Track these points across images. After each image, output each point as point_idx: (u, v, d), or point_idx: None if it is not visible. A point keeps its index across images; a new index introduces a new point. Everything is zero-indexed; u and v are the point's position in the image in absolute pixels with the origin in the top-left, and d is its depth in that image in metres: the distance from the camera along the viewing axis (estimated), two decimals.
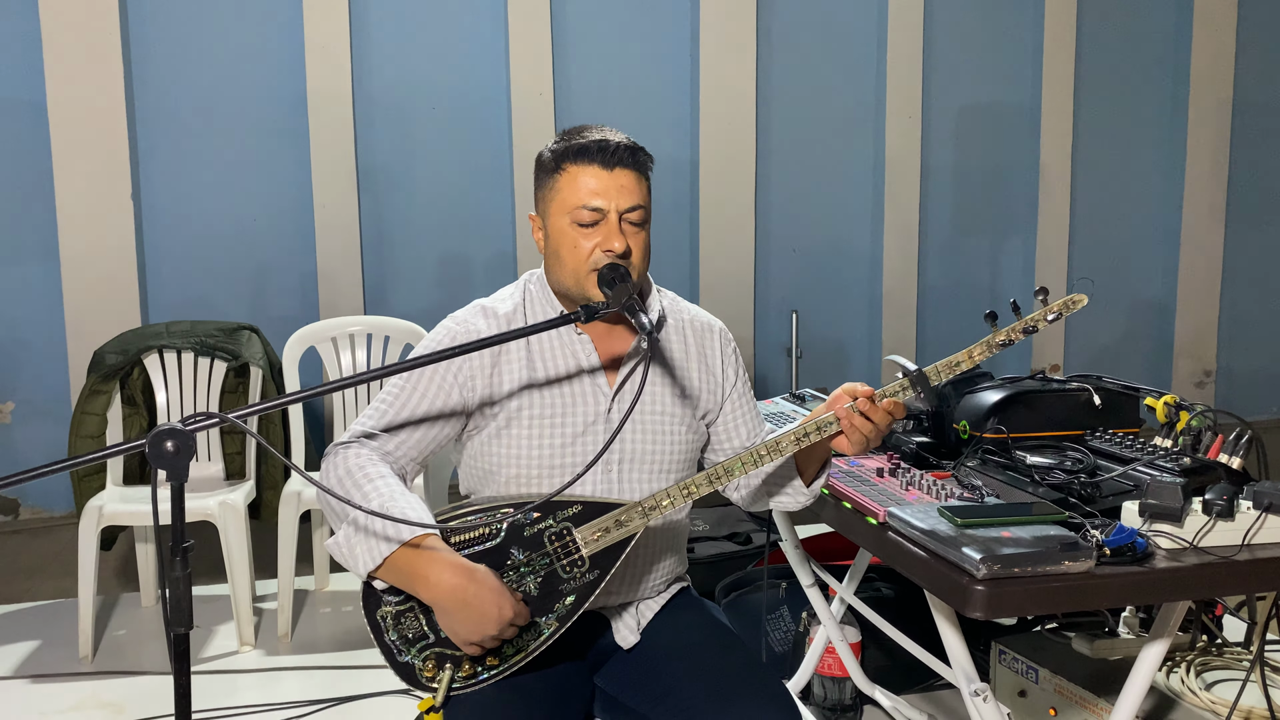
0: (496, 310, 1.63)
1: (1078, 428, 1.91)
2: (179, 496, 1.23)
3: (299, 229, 4.46)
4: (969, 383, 2.00)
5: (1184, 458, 1.66)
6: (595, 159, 1.53)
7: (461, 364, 1.56)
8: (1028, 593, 1.37)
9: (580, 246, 1.54)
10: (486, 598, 1.38)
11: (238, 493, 2.99)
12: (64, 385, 4.13)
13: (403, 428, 1.54)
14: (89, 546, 2.85)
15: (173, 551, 1.23)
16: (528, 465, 1.58)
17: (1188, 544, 1.47)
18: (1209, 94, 5.58)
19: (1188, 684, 2.00)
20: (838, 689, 2.41)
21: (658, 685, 1.57)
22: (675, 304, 1.73)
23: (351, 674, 2.80)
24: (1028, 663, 2.17)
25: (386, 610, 1.47)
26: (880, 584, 2.59)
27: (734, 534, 3.27)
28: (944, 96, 5.30)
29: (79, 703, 2.66)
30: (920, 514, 1.53)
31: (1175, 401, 1.81)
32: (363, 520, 1.41)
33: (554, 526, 1.46)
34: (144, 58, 4.25)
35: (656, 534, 1.64)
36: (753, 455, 1.48)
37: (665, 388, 1.65)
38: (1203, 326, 5.75)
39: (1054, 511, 1.52)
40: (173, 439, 1.20)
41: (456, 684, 1.45)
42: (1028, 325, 1.48)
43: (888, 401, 1.48)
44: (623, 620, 1.66)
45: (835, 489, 1.75)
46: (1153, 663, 1.57)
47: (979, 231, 5.45)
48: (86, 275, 4.19)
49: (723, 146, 4.91)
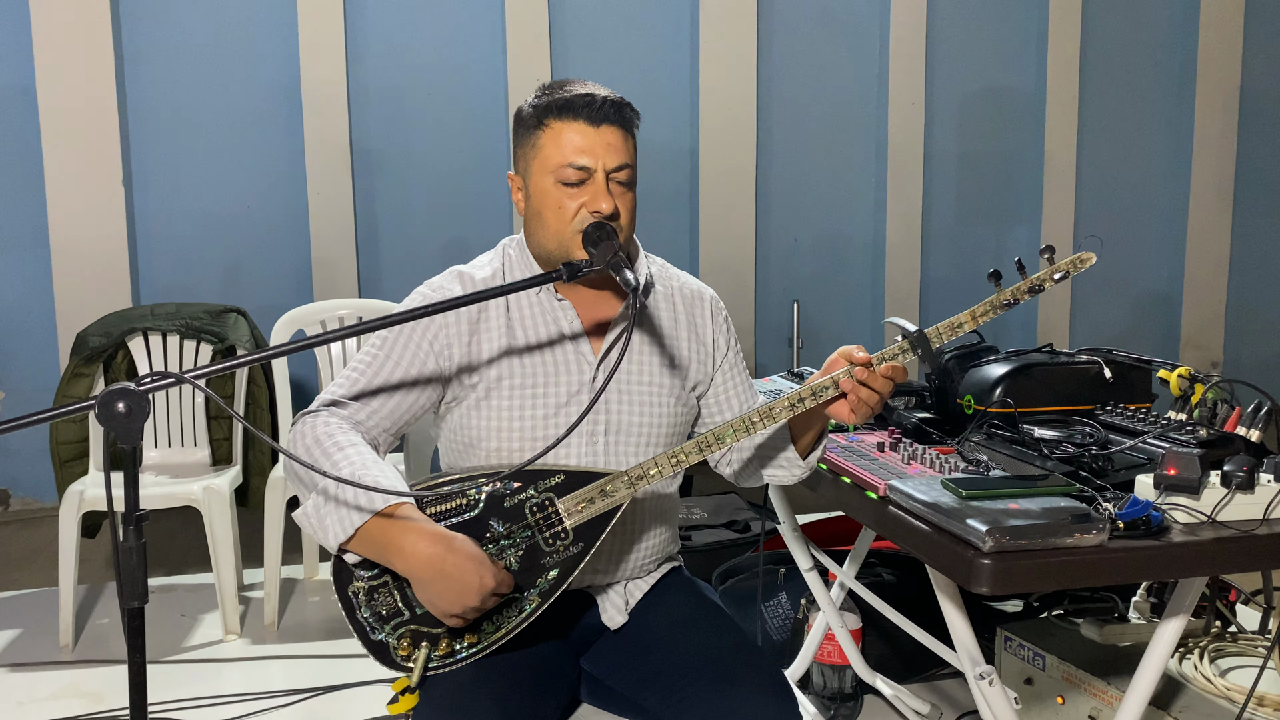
0: (474, 276, 1.56)
1: (1087, 402, 1.83)
2: (131, 461, 1.16)
3: (293, 216, 4.39)
4: (973, 357, 1.92)
5: (1200, 429, 1.58)
6: (581, 115, 1.45)
7: (438, 331, 1.48)
8: (1036, 567, 1.29)
9: (565, 207, 1.46)
10: (466, 567, 1.30)
11: (223, 478, 2.92)
12: (54, 374, 4.06)
13: (375, 395, 1.46)
14: (69, 532, 2.78)
15: (125, 520, 1.15)
16: (509, 437, 1.50)
17: (1206, 517, 1.39)
18: (1216, 81, 5.50)
19: (1201, 670, 1.92)
20: (837, 677, 2.33)
21: (646, 668, 1.50)
22: (665, 270, 1.66)
23: (338, 663, 2.73)
24: (1034, 649, 2.09)
25: (358, 585, 1.39)
26: (881, 570, 2.51)
27: (731, 522, 3.19)
28: (947, 83, 5.22)
29: (58, 691, 2.59)
30: (923, 487, 1.45)
31: (1190, 374, 1.73)
32: (333, 489, 1.33)
33: (535, 497, 1.38)
34: (135, 42, 4.19)
35: (645, 508, 1.57)
36: (744, 422, 1.40)
37: (654, 357, 1.57)
38: (1209, 316, 5.67)
39: (1064, 483, 1.44)
40: (124, 400, 1.13)
41: (433, 663, 1.38)
42: (1034, 284, 1.40)
43: (886, 366, 1.40)
44: (610, 600, 1.58)
45: (834, 464, 1.67)
46: (1169, 641, 1.49)
47: (983, 220, 5.37)
48: (77, 263, 4.13)
49: (723, 135, 4.84)
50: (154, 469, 3.08)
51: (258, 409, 3.15)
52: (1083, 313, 5.49)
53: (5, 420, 1.17)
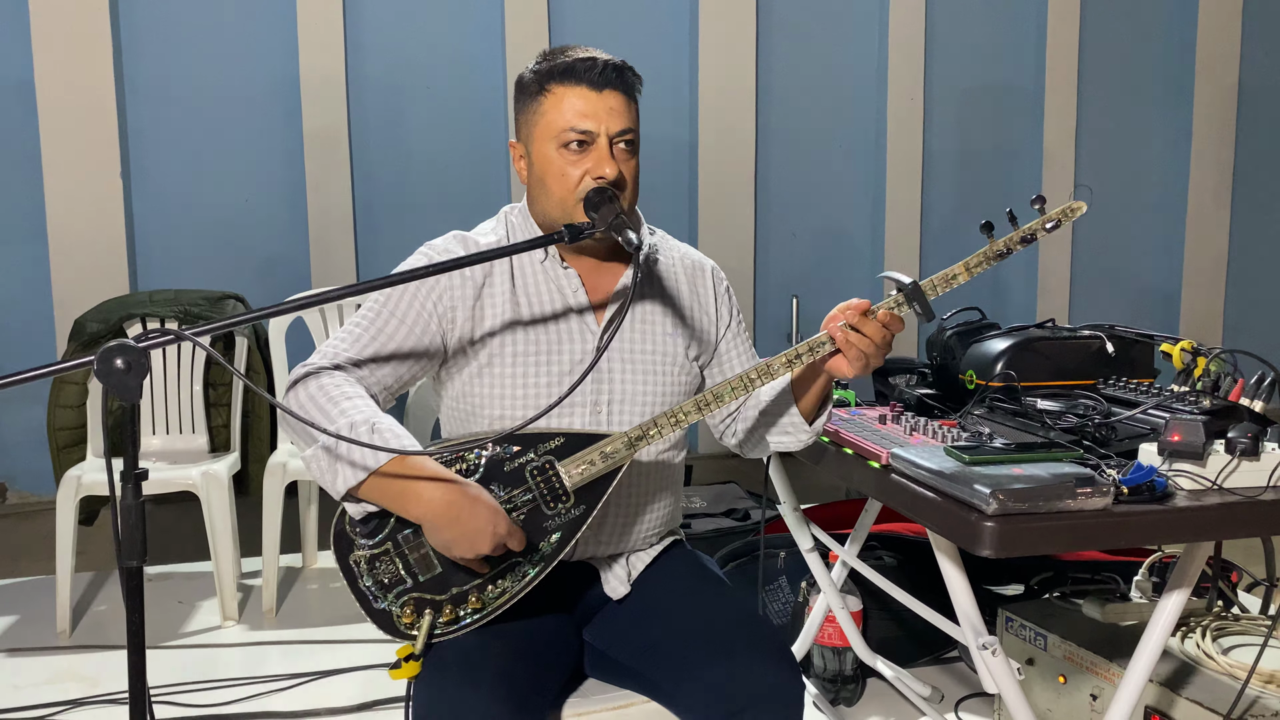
0: (477, 241, 1.55)
1: (1089, 377, 1.83)
2: (131, 418, 1.15)
3: (291, 209, 4.38)
4: (975, 332, 1.92)
5: (1204, 400, 1.57)
6: (583, 79, 1.45)
7: (443, 292, 1.48)
8: (1040, 530, 1.28)
9: (568, 174, 1.46)
10: (481, 513, 1.29)
11: (221, 463, 2.91)
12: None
13: (376, 353, 1.44)
14: (67, 517, 2.76)
15: (123, 478, 1.15)
16: (511, 405, 1.49)
17: (1211, 483, 1.38)
18: (1214, 78, 5.50)
19: (1204, 648, 1.91)
20: (838, 659, 2.32)
21: (648, 638, 1.49)
22: (666, 241, 1.65)
23: (337, 648, 2.72)
24: (1036, 629, 2.09)
25: (359, 555, 1.38)
26: (883, 552, 2.50)
27: (731, 510, 3.19)
28: (946, 78, 5.22)
29: (54, 676, 2.57)
30: (926, 454, 1.45)
31: (1193, 347, 1.73)
32: (347, 434, 1.31)
33: (535, 460, 1.37)
34: (134, 34, 4.18)
35: (647, 476, 1.56)
36: (742, 380, 1.40)
37: (656, 326, 1.56)
38: (1208, 313, 5.67)
39: (1068, 449, 1.44)
40: (123, 356, 1.11)
41: (437, 630, 1.37)
42: (1025, 234, 1.40)
43: (883, 313, 1.39)
44: (613, 571, 1.57)
45: (836, 435, 1.67)
46: (1172, 614, 1.49)
47: (981, 215, 5.33)
48: (75, 256, 4.12)
49: (722, 128, 4.84)
50: (153, 455, 3.06)
51: (257, 395, 3.14)
52: (1081, 308, 5.49)
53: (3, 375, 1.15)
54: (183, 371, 3.11)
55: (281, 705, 2.42)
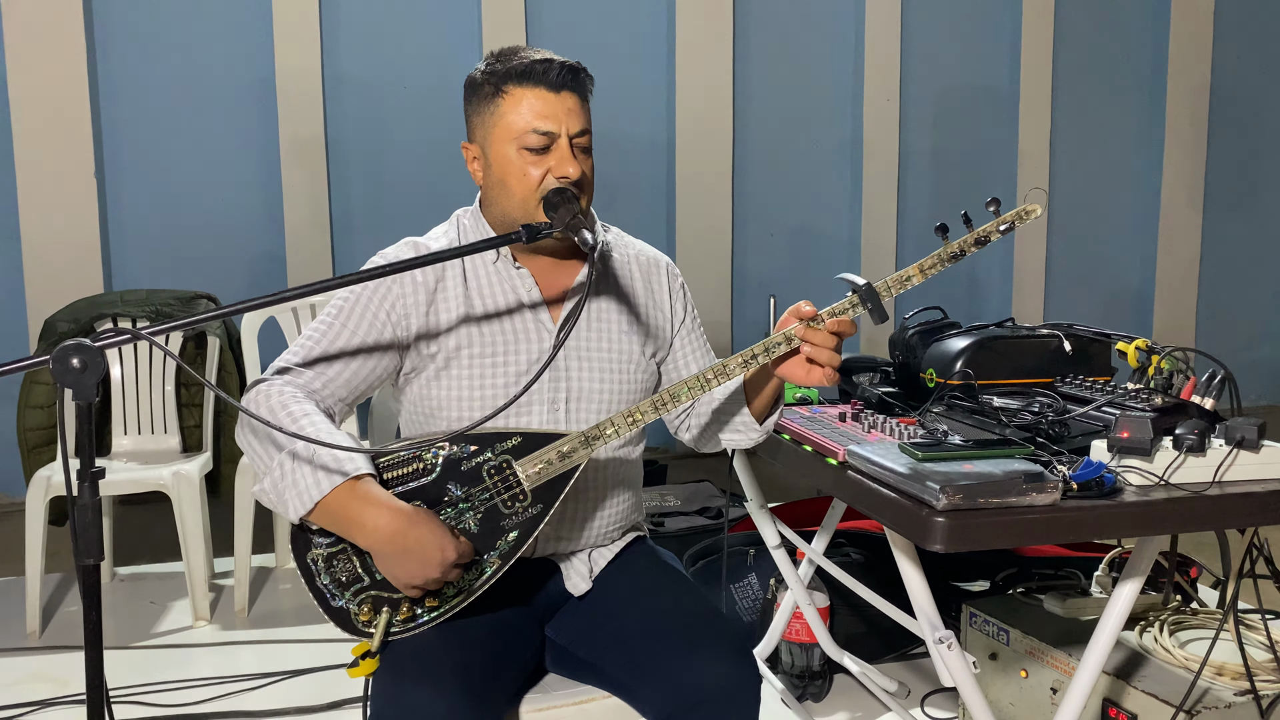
0: (429, 245, 1.56)
1: (1048, 375, 1.86)
2: (86, 417, 1.16)
3: (267, 208, 4.38)
4: (936, 331, 1.94)
5: (1156, 397, 1.60)
6: (540, 81, 1.46)
7: (395, 300, 1.49)
8: (990, 525, 1.30)
9: (529, 175, 1.47)
10: (427, 540, 1.30)
11: (192, 464, 2.90)
12: None
13: (331, 363, 1.45)
14: (36, 517, 2.75)
15: (80, 477, 1.15)
16: (469, 406, 1.51)
17: (1158, 479, 1.41)
18: (1187, 81, 5.57)
19: (1160, 641, 1.94)
20: (805, 655, 2.34)
21: (608, 633, 1.50)
22: (621, 239, 1.67)
23: (309, 647, 2.72)
24: (999, 624, 2.11)
25: (317, 553, 1.39)
26: (849, 549, 2.52)
27: (704, 509, 3.20)
28: (922, 80, 5.26)
29: (24, 677, 2.56)
30: (880, 451, 1.47)
31: (1147, 346, 1.75)
32: (289, 467, 1.33)
33: (493, 460, 1.38)
34: (107, 33, 4.17)
35: (606, 473, 1.57)
36: (699, 380, 1.41)
37: (613, 323, 1.58)
38: (1181, 314, 5.73)
39: (1020, 446, 1.46)
40: (79, 355, 1.13)
41: (395, 628, 1.38)
42: (979, 236, 1.42)
43: (833, 321, 1.41)
44: (574, 567, 1.58)
45: (795, 433, 1.69)
46: (1125, 603, 1.52)
47: (957, 216, 5.40)
48: (48, 256, 4.10)
49: (699, 129, 4.85)
50: (124, 456, 3.06)
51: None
52: (1056, 307, 5.54)
53: None
54: (154, 372, 3.11)
55: (253, 705, 2.42)
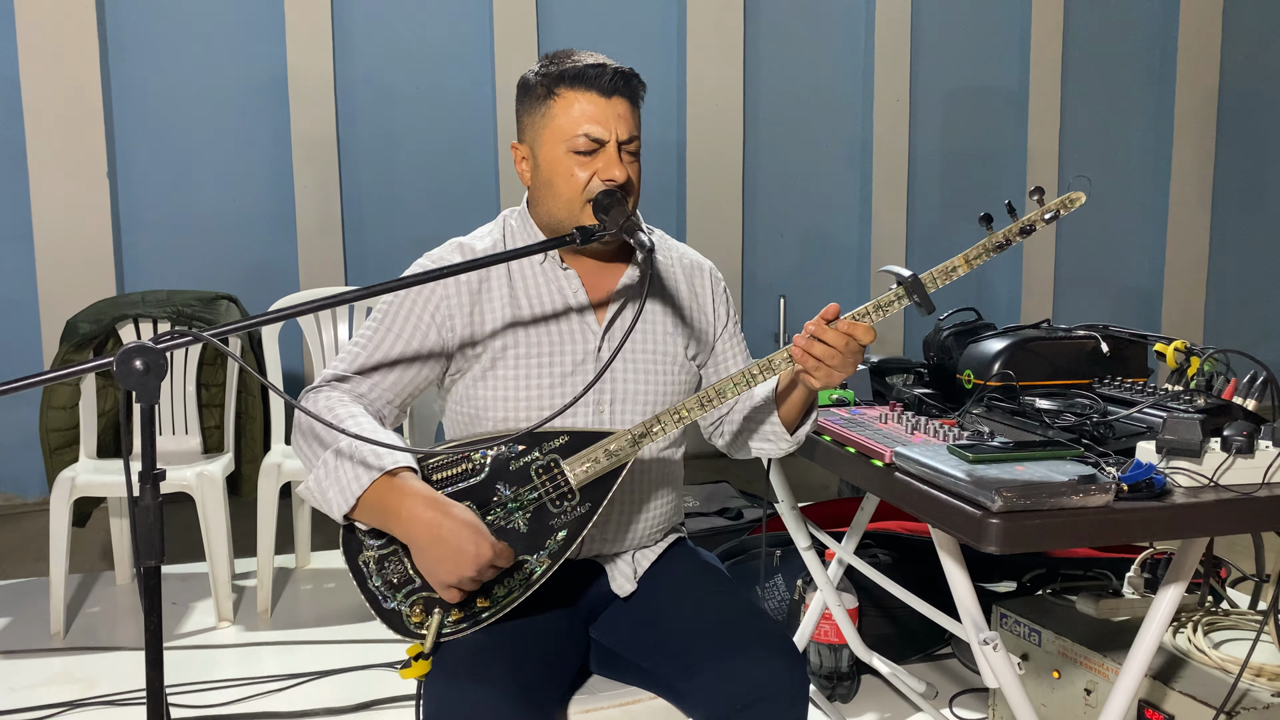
0: (474, 246, 1.57)
1: (1084, 377, 1.86)
2: (149, 419, 1.16)
3: (279, 209, 4.37)
4: (971, 333, 1.95)
5: (1198, 398, 1.60)
6: (593, 85, 1.46)
7: (439, 303, 1.49)
8: (1044, 527, 1.31)
9: (577, 176, 1.47)
10: (463, 534, 1.28)
11: (215, 464, 2.90)
12: (38, 368, 4.03)
13: (377, 369, 1.47)
14: (60, 519, 2.75)
15: (142, 479, 1.15)
16: (515, 407, 1.51)
17: (1208, 480, 1.41)
18: (1195, 81, 5.57)
19: (1195, 642, 1.94)
20: (834, 656, 2.34)
21: (655, 634, 1.50)
22: (665, 241, 1.67)
23: (333, 648, 2.72)
24: (1030, 625, 2.12)
25: (368, 555, 1.39)
26: (878, 550, 2.53)
27: (724, 509, 3.21)
28: (932, 81, 5.27)
29: (50, 678, 2.56)
30: (929, 453, 1.47)
31: (1185, 347, 1.76)
32: (332, 464, 1.35)
33: (540, 459, 1.39)
34: (120, 33, 4.16)
35: (649, 473, 1.58)
36: (745, 375, 1.42)
37: (657, 325, 1.58)
38: (1189, 312, 5.74)
39: (1069, 448, 1.46)
40: (142, 357, 1.12)
41: (446, 629, 1.38)
42: (1025, 225, 1.43)
43: (843, 322, 1.40)
44: (618, 569, 1.59)
45: (837, 434, 1.69)
46: (1169, 607, 1.52)
47: (966, 216, 5.41)
48: (61, 255, 4.09)
49: (710, 130, 4.86)
50: None
51: (250, 397, 3.13)
52: (1066, 308, 5.54)
53: (10, 381, 1.15)
54: (175, 373, 3.10)
55: (278, 706, 2.42)
